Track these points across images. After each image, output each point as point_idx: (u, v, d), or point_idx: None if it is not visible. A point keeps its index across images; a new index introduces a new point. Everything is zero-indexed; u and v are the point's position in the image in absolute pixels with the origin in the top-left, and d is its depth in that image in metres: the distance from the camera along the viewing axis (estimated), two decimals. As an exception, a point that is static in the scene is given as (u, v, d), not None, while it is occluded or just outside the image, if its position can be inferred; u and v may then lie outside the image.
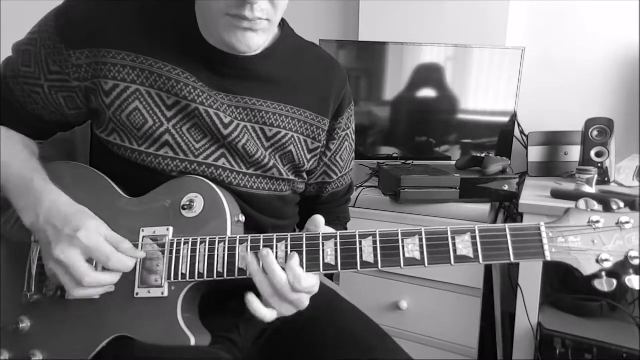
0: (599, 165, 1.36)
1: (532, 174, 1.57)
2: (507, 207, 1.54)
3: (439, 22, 1.70)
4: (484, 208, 1.37)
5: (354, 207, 1.47)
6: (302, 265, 0.65)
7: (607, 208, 0.61)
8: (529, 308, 1.28)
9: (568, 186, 1.34)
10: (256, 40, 0.68)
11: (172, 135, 0.73)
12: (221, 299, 0.77)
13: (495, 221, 1.50)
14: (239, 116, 0.75)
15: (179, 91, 0.72)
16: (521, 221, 1.32)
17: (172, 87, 0.71)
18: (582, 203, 0.62)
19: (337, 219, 0.95)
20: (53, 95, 0.73)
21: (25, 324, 0.71)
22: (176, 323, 0.67)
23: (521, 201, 1.25)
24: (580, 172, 1.29)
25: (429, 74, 1.62)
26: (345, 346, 0.74)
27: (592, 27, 1.64)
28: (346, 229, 0.97)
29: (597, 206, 0.61)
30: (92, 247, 0.64)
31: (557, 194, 1.24)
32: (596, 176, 1.28)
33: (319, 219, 0.68)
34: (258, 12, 0.64)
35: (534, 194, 1.30)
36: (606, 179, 1.38)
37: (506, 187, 1.39)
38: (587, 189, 1.26)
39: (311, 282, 0.65)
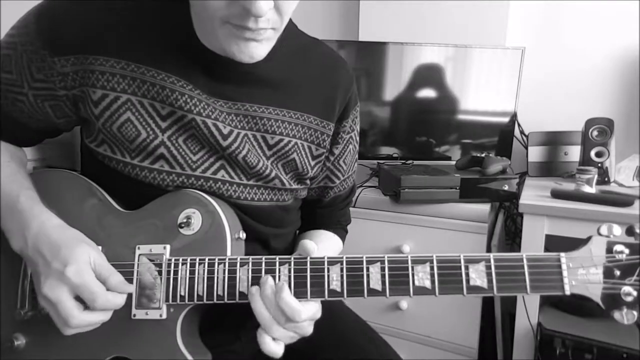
0: (599, 165, 1.37)
1: (532, 174, 1.57)
2: (507, 207, 1.54)
3: (439, 22, 1.70)
4: (484, 208, 1.36)
5: (354, 207, 1.46)
6: (305, 291, 0.62)
7: (629, 232, 0.57)
8: (529, 308, 1.28)
9: (568, 186, 1.34)
10: (260, 50, 0.62)
11: (167, 147, 0.67)
12: (221, 312, 0.73)
13: (495, 221, 1.50)
14: (239, 124, 0.70)
15: (174, 101, 0.66)
16: (521, 221, 1.32)
17: (166, 96, 0.66)
18: (604, 228, 0.58)
19: (338, 223, 0.93)
20: (39, 104, 0.68)
21: (21, 341, 0.68)
22: (175, 345, 0.64)
23: (521, 201, 1.24)
24: (580, 172, 1.29)
25: (429, 74, 1.62)
26: (339, 348, 0.74)
27: (592, 27, 1.64)
28: (346, 231, 0.96)
29: (619, 231, 0.58)
30: (79, 286, 0.59)
31: (557, 194, 1.24)
32: (596, 176, 1.28)
33: (310, 247, 0.63)
34: (263, 23, 0.58)
35: (534, 194, 1.30)
36: (606, 179, 1.38)
37: (506, 187, 1.38)
38: (587, 189, 1.26)
39: (311, 312, 0.62)
